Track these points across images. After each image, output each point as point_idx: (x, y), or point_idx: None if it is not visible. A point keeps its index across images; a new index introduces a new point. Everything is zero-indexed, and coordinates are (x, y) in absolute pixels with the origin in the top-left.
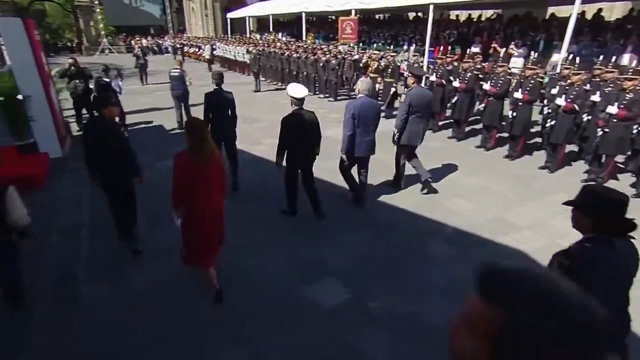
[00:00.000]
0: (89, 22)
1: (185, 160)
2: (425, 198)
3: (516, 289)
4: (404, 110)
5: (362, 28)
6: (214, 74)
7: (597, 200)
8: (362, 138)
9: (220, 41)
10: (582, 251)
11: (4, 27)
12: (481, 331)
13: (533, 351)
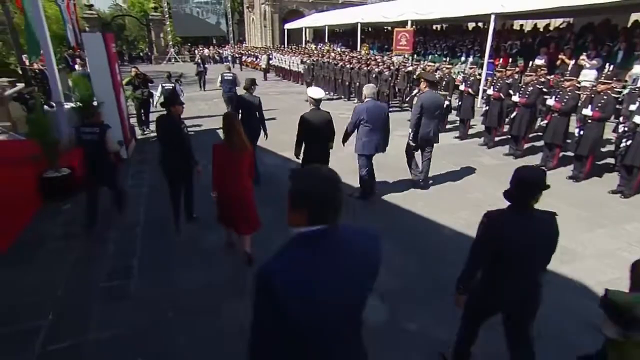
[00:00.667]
0: (160, 34)
1: (220, 148)
2: (475, 218)
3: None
4: (416, 112)
5: (417, 39)
6: (246, 80)
7: (517, 181)
8: (369, 138)
9: (276, 51)
10: (497, 213)
11: (87, 41)
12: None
13: (297, 195)
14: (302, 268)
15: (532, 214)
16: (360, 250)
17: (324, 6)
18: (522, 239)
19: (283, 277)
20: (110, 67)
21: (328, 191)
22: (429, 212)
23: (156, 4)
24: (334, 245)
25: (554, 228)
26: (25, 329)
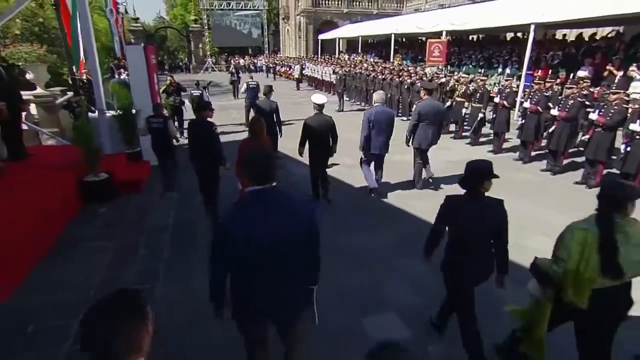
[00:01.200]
0: (198, 44)
1: (246, 143)
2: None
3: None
4: (414, 118)
5: (452, 49)
6: (264, 87)
7: (467, 169)
8: (376, 139)
9: (309, 61)
10: (455, 198)
11: (129, 53)
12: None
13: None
14: (245, 216)
15: (483, 200)
16: (293, 208)
17: (358, 17)
18: (474, 220)
19: (232, 219)
20: (149, 77)
21: (263, 162)
22: None
23: (196, 16)
24: (269, 201)
25: (501, 212)
26: (58, 326)
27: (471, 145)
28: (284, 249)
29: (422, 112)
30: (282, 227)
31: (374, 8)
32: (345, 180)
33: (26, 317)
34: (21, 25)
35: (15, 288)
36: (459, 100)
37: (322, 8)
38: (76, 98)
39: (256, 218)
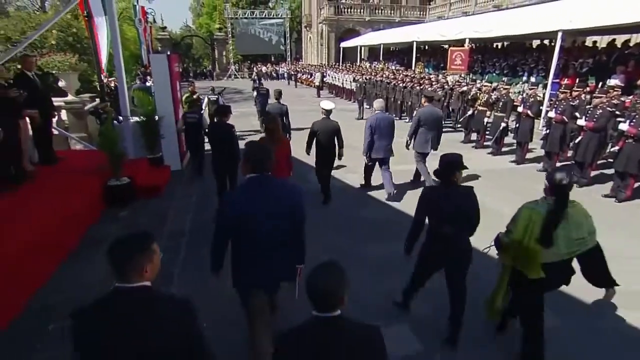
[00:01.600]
0: (222, 52)
1: (262, 141)
2: None
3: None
4: (414, 123)
5: (475, 57)
6: (275, 91)
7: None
8: (379, 143)
9: (330, 69)
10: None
11: (153, 61)
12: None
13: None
14: (244, 195)
15: (457, 189)
16: (282, 192)
17: (380, 25)
18: (447, 206)
19: (232, 200)
20: (172, 84)
21: (261, 155)
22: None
23: (221, 24)
24: (263, 186)
25: (472, 198)
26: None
27: (493, 155)
28: (274, 224)
29: (422, 117)
30: (272, 205)
31: (397, 16)
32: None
33: (48, 316)
34: (57, 35)
35: (39, 287)
36: (481, 109)
37: (345, 16)
38: (102, 104)
39: (254, 198)
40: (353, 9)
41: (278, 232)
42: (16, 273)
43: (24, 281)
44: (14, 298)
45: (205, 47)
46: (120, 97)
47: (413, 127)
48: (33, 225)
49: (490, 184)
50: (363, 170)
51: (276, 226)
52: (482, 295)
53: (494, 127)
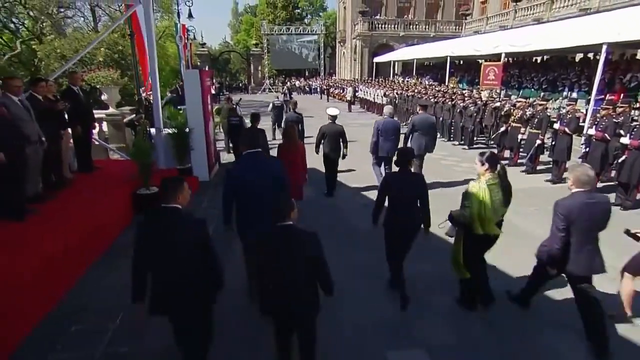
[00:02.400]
0: (258, 67)
1: (282, 145)
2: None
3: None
4: (408, 129)
5: (512, 72)
6: (291, 102)
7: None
8: (384, 144)
9: (362, 84)
10: (391, 173)
11: (186, 76)
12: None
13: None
14: (241, 166)
15: (410, 174)
16: (267, 164)
17: (414, 40)
18: (404, 188)
19: (234, 169)
20: (202, 98)
21: (252, 136)
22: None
23: (257, 40)
24: (255, 160)
25: (422, 181)
26: (96, 328)
27: (527, 173)
28: (263, 187)
29: (416, 123)
30: (261, 173)
31: (431, 31)
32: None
33: (72, 317)
34: (104, 53)
35: (69, 288)
36: (515, 126)
37: (379, 32)
38: (137, 117)
39: (247, 168)
40: (387, 25)
41: (265, 192)
42: (50, 275)
43: (56, 283)
44: (46, 299)
45: (241, 62)
46: (154, 110)
47: (408, 131)
48: (69, 229)
49: (522, 203)
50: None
51: (264, 188)
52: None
53: (529, 144)
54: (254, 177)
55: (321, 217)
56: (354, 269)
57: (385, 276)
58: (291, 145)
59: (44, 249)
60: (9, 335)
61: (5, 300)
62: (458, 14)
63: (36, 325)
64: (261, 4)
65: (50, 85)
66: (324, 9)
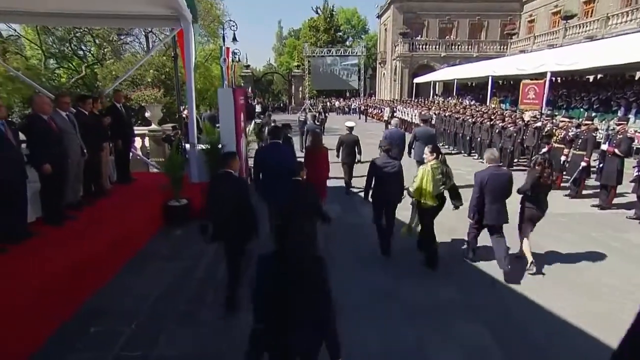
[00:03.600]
0: (299, 87)
1: (309, 151)
2: (606, 312)
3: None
4: (411, 139)
5: (560, 91)
6: (311, 116)
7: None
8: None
9: (401, 104)
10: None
11: (220, 94)
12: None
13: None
14: (265, 152)
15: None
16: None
17: (456, 60)
18: (386, 170)
19: (261, 153)
20: (235, 116)
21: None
22: (538, 294)
23: (299, 62)
24: (277, 147)
25: (401, 168)
26: (113, 330)
27: (570, 197)
28: (281, 166)
29: (417, 134)
30: (280, 157)
31: (474, 51)
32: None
33: (93, 319)
34: (153, 74)
35: (95, 290)
36: (557, 147)
37: (419, 52)
38: (174, 132)
39: (270, 152)
40: (428, 45)
41: (283, 170)
42: (78, 278)
43: (83, 285)
44: (72, 300)
45: (284, 83)
46: (189, 126)
47: (411, 141)
48: (100, 236)
49: (564, 229)
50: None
51: (282, 167)
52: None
53: (573, 167)
54: (274, 159)
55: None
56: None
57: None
58: (315, 149)
59: (74, 253)
60: (35, 334)
61: (33, 300)
62: (503, 33)
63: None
64: (304, 27)
65: (96, 102)
66: (365, 31)
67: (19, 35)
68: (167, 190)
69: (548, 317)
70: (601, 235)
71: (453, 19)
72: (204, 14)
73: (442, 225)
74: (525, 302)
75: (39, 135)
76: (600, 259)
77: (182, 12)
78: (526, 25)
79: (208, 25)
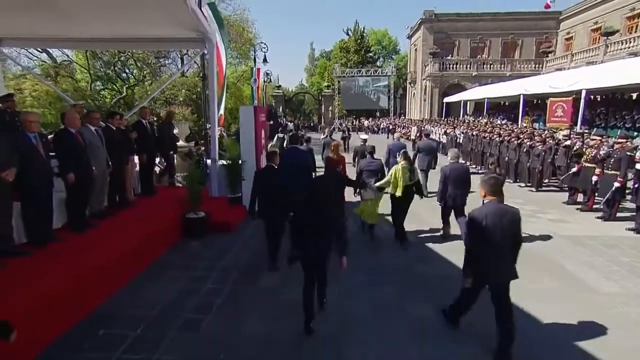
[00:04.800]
0: (329, 107)
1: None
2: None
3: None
4: (415, 151)
5: (598, 110)
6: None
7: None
8: (392, 160)
9: (428, 123)
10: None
11: (241, 112)
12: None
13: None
14: (287, 155)
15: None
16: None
17: (488, 79)
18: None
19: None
20: (256, 133)
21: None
22: (545, 308)
23: (329, 82)
24: (295, 150)
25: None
26: (119, 334)
27: (603, 220)
28: (300, 167)
29: (420, 146)
30: (299, 159)
31: (507, 70)
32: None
33: (101, 322)
34: (185, 93)
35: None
36: (588, 166)
37: (449, 72)
38: (196, 147)
39: (291, 155)
40: (459, 65)
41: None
42: (93, 282)
43: (98, 290)
44: (85, 303)
45: (315, 103)
46: (211, 142)
47: (415, 153)
48: (116, 244)
49: (593, 254)
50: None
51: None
52: None
53: (605, 187)
54: (293, 159)
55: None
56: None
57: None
58: (336, 155)
59: (91, 259)
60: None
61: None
62: (538, 51)
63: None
64: (335, 49)
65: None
66: (396, 51)
67: (71, 60)
68: (186, 202)
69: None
70: (633, 259)
71: (485, 38)
72: (235, 37)
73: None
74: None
75: (66, 147)
76: (626, 283)
77: (208, 34)
78: (563, 43)
79: (240, 48)
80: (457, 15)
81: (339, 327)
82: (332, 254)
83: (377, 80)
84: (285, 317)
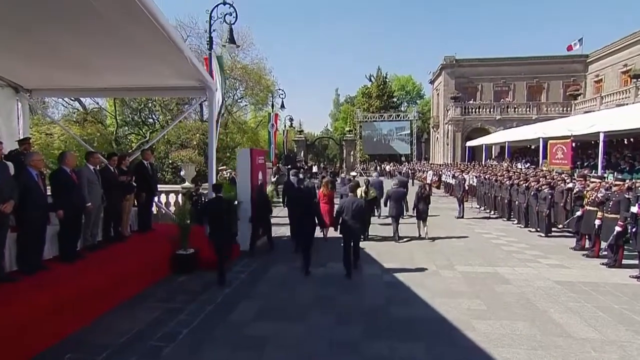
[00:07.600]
0: (351, 152)
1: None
2: None
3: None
4: (384, 199)
5: (624, 153)
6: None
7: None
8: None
9: (445, 168)
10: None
11: (238, 155)
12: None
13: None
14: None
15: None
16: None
17: (513, 123)
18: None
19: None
20: (251, 174)
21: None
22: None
23: (351, 127)
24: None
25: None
26: (83, 358)
27: (608, 266)
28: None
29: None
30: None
31: (533, 113)
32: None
33: (71, 347)
34: (199, 137)
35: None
36: (590, 209)
37: (472, 116)
38: (195, 188)
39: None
40: (482, 109)
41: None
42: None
43: (74, 318)
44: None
45: (338, 148)
46: (209, 183)
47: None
48: (100, 275)
49: (583, 301)
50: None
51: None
52: None
53: (607, 231)
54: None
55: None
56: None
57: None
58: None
59: (71, 287)
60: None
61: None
62: (566, 94)
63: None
64: (358, 94)
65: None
66: (421, 96)
67: (100, 107)
68: (174, 239)
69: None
70: (625, 307)
71: (509, 82)
72: (253, 84)
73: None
74: None
75: (60, 184)
76: (605, 330)
77: (207, 83)
78: (593, 86)
79: (257, 95)
80: (479, 61)
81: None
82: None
83: (399, 126)
84: (245, 350)
